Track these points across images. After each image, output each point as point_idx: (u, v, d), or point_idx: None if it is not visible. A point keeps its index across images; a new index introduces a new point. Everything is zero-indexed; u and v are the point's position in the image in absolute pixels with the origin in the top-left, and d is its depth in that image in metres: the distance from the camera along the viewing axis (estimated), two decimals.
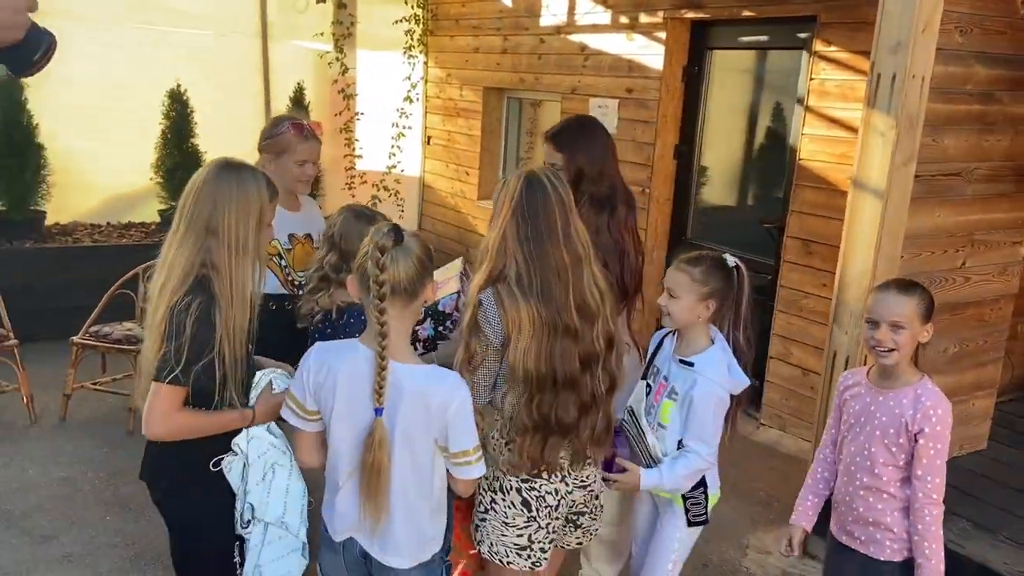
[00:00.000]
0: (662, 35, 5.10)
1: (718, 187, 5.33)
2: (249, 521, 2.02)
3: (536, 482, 2.12)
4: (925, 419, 2.16)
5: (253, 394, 2.05)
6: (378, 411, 1.82)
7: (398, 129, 7.18)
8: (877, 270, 3.14)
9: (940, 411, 2.17)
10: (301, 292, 2.83)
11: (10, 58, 1.15)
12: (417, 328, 2.58)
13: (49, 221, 5.88)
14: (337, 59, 6.85)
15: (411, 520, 1.93)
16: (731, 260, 2.34)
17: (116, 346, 4.30)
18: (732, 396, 2.32)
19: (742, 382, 2.30)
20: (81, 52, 5.98)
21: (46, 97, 5.80)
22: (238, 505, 2.03)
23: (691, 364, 2.27)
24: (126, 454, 3.99)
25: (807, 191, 4.35)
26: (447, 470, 1.94)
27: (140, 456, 2.09)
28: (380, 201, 7.14)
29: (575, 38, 5.76)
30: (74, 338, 4.34)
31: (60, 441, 4.11)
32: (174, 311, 1.87)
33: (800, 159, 4.37)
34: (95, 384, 4.47)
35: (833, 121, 4.21)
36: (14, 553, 3.14)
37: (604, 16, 5.51)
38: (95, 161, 6.18)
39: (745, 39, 4.88)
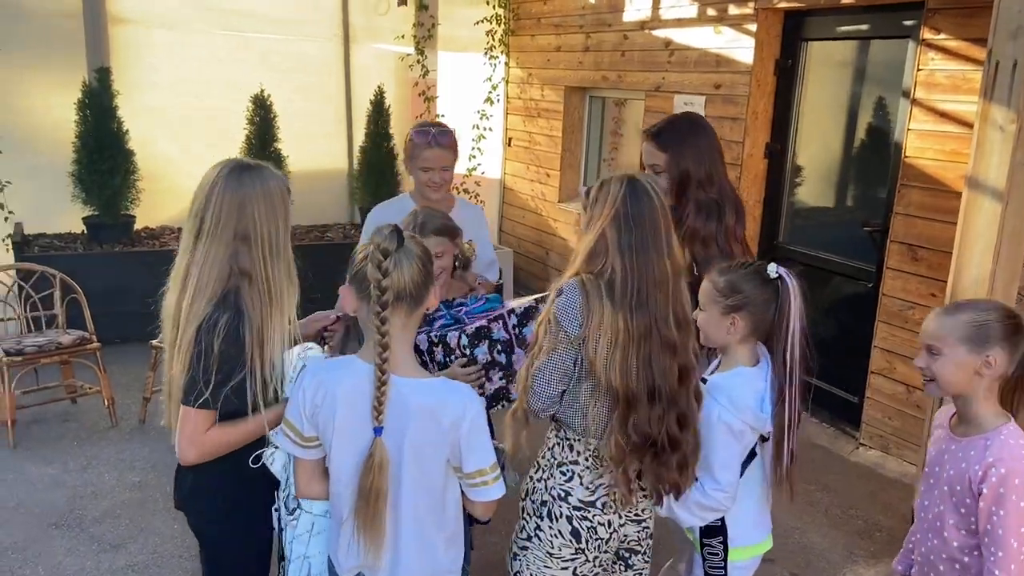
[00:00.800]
0: (752, 27, 4.81)
1: (814, 188, 4.99)
2: (295, 509, 1.90)
3: (590, 511, 1.93)
4: (986, 476, 1.75)
5: (288, 383, 1.89)
6: (377, 431, 1.65)
7: (479, 131, 7.07)
8: (996, 279, 2.81)
9: (1008, 466, 1.73)
10: None
11: None
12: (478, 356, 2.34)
13: (139, 225, 6.02)
14: (418, 61, 6.79)
15: (425, 551, 1.75)
16: (774, 270, 2.01)
17: None
18: (763, 434, 2.03)
19: (764, 420, 1.99)
20: (171, 59, 6.13)
21: (136, 104, 5.95)
22: (281, 493, 1.91)
23: (704, 381, 2.02)
24: None
25: (914, 191, 3.99)
26: (463, 493, 1.76)
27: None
28: None
29: (659, 33, 5.51)
30: (153, 341, 4.38)
31: (137, 445, 4.15)
32: (201, 330, 1.75)
33: (906, 156, 4.01)
34: None
35: (943, 115, 3.84)
36: (81, 560, 3.14)
37: (690, 9, 5.24)
38: (183, 166, 6.29)
39: (844, 29, 4.54)
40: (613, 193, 1.86)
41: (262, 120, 6.16)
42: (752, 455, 2.08)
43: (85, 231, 5.82)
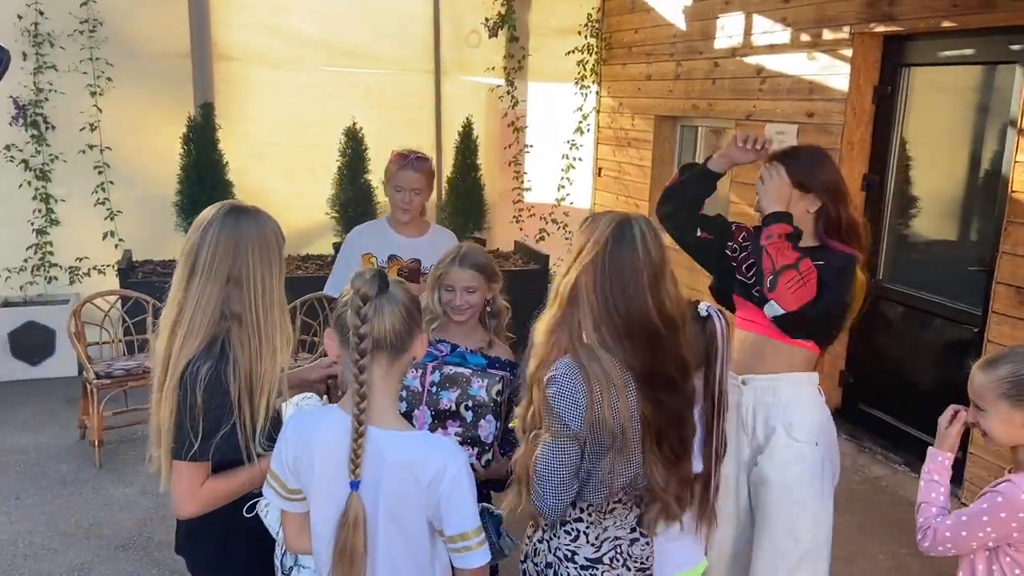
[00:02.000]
0: (848, 52, 4.54)
1: (916, 223, 4.63)
2: (291, 568, 1.86)
3: (598, 568, 1.81)
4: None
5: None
6: (353, 485, 1.57)
7: (568, 161, 7.01)
8: None
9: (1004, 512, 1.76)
10: None
11: None
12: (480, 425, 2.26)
13: None
14: (508, 92, 6.81)
15: None
16: (704, 308, 1.95)
17: None
18: None
19: None
20: (270, 94, 6.39)
21: (237, 136, 6.22)
22: (279, 550, 1.87)
23: None
24: None
25: (1021, 230, 3.63)
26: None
27: None
28: (549, 234, 6.97)
29: (751, 60, 5.30)
30: None
31: None
32: (184, 378, 1.73)
33: (1012, 191, 3.65)
34: None
35: None
36: None
37: (783, 35, 5.02)
38: (279, 197, 6.52)
39: (947, 54, 4.22)
40: (598, 235, 1.76)
41: (353, 152, 6.31)
42: None
43: None
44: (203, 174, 5.90)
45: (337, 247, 6.44)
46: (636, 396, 1.71)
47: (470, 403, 2.26)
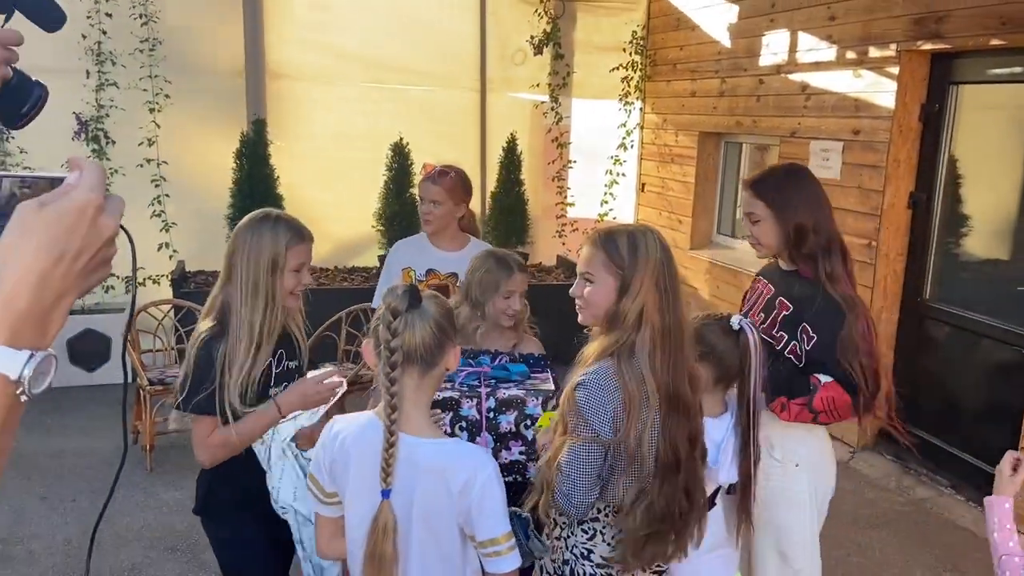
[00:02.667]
0: (895, 70, 4.51)
1: (964, 241, 4.56)
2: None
3: (613, 567, 1.84)
4: None
5: (275, 448, 2.08)
6: (385, 493, 1.62)
7: (611, 176, 7.04)
8: None
9: None
10: None
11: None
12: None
13: None
14: (552, 108, 6.88)
15: None
16: (736, 322, 2.02)
17: None
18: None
19: (712, 472, 1.95)
20: (321, 109, 6.55)
21: (287, 151, 6.39)
22: (272, 489, 2.14)
23: None
24: None
25: None
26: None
27: None
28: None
29: (796, 77, 5.28)
30: None
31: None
32: (190, 339, 2.07)
33: None
34: None
35: None
36: None
37: (828, 52, 4.99)
38: (327, 210, 6.67)
39: (997, 72, 4.16)
40: (653, 254, 1.78)
41: (399, 167, 6.43)
42: (710, 505, 2.05)
43: None
44: (254, 188, 6.07)
45: (382, 260, 6.56)
46: (660, 428, 1.73)
47: (528, 422, 2.30)
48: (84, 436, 4.84)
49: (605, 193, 7.05)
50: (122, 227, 0.87)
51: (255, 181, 6.09)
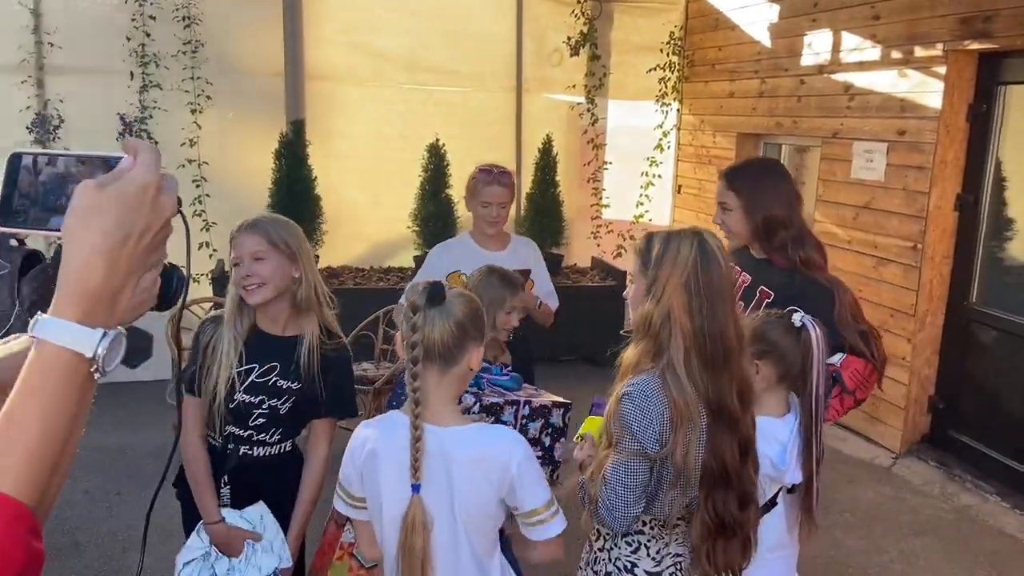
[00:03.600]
0: (941, 70, 4.43)
1: (1012, 244, 4.47)
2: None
3: None
4: None
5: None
6: (415, 488, 1.63)
7: (647, 178, 7.01)
8: None
9: None
10: None
11: None
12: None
13: (321, 265, 6.47)
14: (588, 110, 6.86)
15: None
16: (799, 319, 2.00)
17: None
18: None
19: (780, 472, 1.94)
20: (357, 111, 6.60)
21: (326, 153, 6.44)
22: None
23: None
24: None
25: None
26: (512, 544, 1.72)
27: None
28: (626, 251, 6.97)
29: (839, 77, 5.21)
30: None
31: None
32: None
33: None
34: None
35: None
36: None
37: (873, 52, 4.93)
38: (364, 211, 6.73)
39: None
40: (684, 255, 1.74)
41: (435, 168, 6.45)
42: (771, 505, 2.03)
43: None
44: (293, 188, 6.13)
45: (418, 260, 6.59)
46: (703, 441, 1.71)
47: (549, 430, 2.42)
48: (126, 432, 4.91)
49: (641, 195, 7.02)
50: (179, 208, 0.89)
51: (293, 181, 6.14)
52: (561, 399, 2.52)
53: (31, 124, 5.75)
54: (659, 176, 7.06)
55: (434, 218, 6.42)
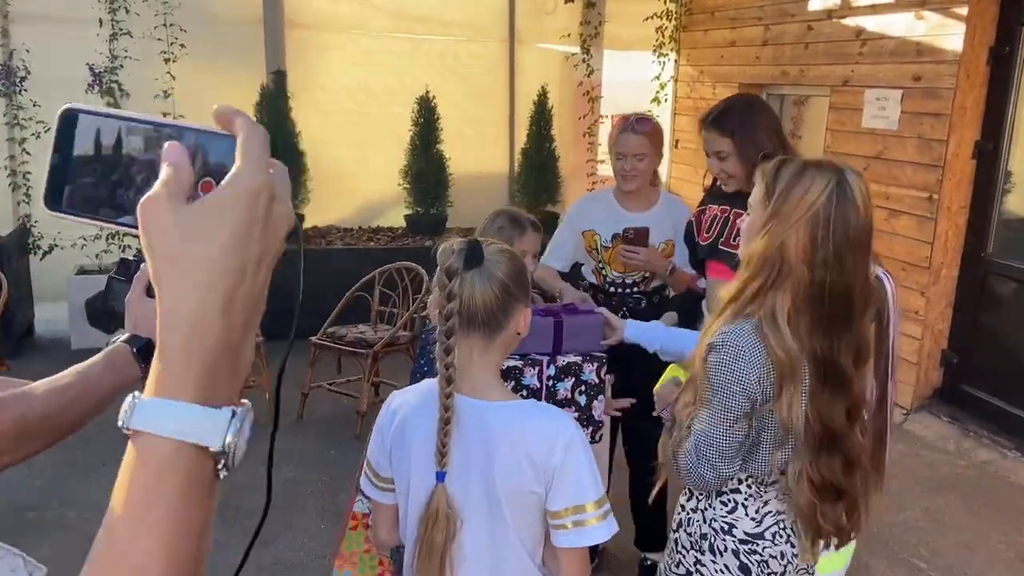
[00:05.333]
0: (963, 10, 4.25)
1: None
2: None
3: (759, 543, 1.64)
4: None
5: None
6: (439, 476, 1.42)
7: None
8: None
9: None
10: (613, 290, 2.94)
11: None
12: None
13: (307, 224, 6.20)
14: (583, 60, 6.60)
15: None
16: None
17: (348, 348, 4.33)
18: None
19: None
20: (341, 61, 6.29)
21: (309, 105, 6.14)
22: None
23: None
24: (351, 458, 3.97)
25: None
26: (550, 539, 1.47)
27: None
28: None
29: (850, 21, 5.01)
30: (312, 338, 4.44)
31: (293, 439, 4.20)
32: None
33: None
34: (330, 384, 4.55)
35: None
36: (231, 555, 3.15)
37: None
38: (352, 167, 6.45)
39: None
40: (815, 191, 1.51)
41: (426, 122, 6.17)
42: None
43: None
44: (275, 143, 5.72)
45: (408, 219, 6.35)
46: (808, 400, 1.53)
47: (583, 388, 2.24)
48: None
49: None
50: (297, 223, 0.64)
51: (275, 137, 5.75)
52: (595, 352, 2.31)
53: None
54: None
55: (425, 175, 6.16)
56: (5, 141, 5.63)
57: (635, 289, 2.97)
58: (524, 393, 2.13)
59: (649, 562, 3.08)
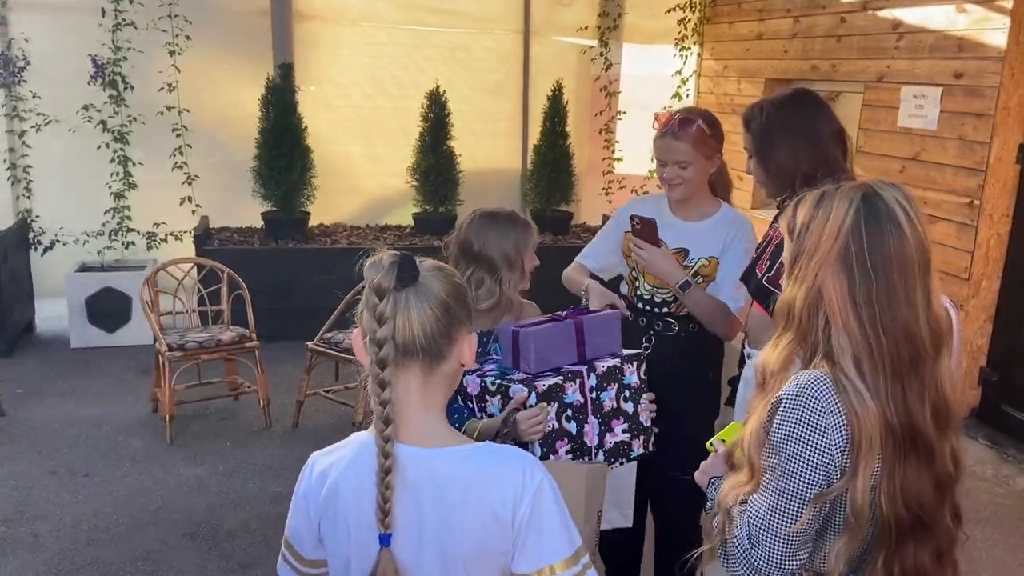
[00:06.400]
0: (1008, 3, 3.94)
1: None
2: None
3: None
4: None
5: None
6: (383, 539, 1.20)
7: None
8: None
9: None
10: (641, 307, 2.50)
11: None
12: (487, 399, 1.89)
13: (313, 222, 6.00)
14: (601, 54, 6.33)
15: None
16: None
17: (345, 355, 4.12)
18: None
19: None
20: (349, 54, 6.08)
21: (316, 99, 5.95)
22: None
23: None
24: None
25: None
26: None
27: None
28: None
29: (886, 14, 4.70)
30: (309, 343, 4.23)
31: (286, 450, 4.00)
32: None
33: None
34: (327, 392, 4.34)
35: None
36: None
37: None
38: (359, 163, 6.25)
39: None
40: (837, 216, 1.25)
41: (436, 117, 5.94)
42: None
43: (263, 226, 5.86)
44: (280, 139, 5.62)
45: (417, 218, 6.13)
46: (885, 474, 1.24)
47: (627, 393, 2.01)
48: (100, 403, 4.49)
49: None
50: None
51: (281, 131, 5.63)
52: (632, 350, 2.08)
53: None
54: None
55: (434, 172, 5.93)
56: (4, 133, 5.48)
57: (665, 309, 2.48)
58: (568, 414, 1.89)
59: None
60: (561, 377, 1.88)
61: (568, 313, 2.03)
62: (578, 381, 1.91)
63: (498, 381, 1.85)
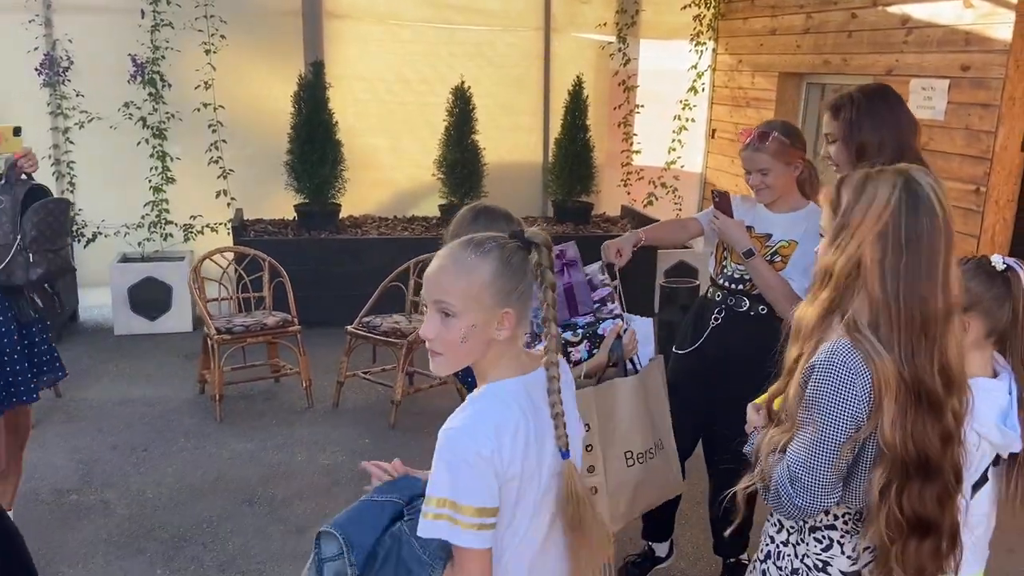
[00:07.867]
0: None
1: None
2: None
3: None
4: None
5: None
6: (564, 454, 1.43)
7: (680, 122, 6.70)
8: None
9: None
10: (733, 286, 2.75)
11: None
12: (571, 350, 2.29)
13: (343, 214, 6.24)
14: (619, 50, 6.54)
15: None
16: (1000, 260, 1.69)
17: (383, 338, 4.35)
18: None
19: (1012, 437, 1.65)
20: (378, 51, 6.30)
21: (346, 95, 6.17)
22: None
23: None
24: (386, 447, 4.02)
25: None
26: None
27: (397, 450, 2.15)
28: (657, 199, 6.72)
29: (895, 9, 4.89)
30: (348, 327, 4.47)
31: (329, 427, 4.24)
32: None
33: None
34: (366, 373, 4.58)
35: None
36: (269, 544, 3.21)
37: None
38: (387, 157, 6.48)
39: None
40: (882, 198, 1.45)
41: (461, 112, 6.16)
42: (983, 481, 1.75)
43: (296, 218, 6.10)
44: (313, 134, 5.86)
45: (443, 208, 6.35)
46: (900, 417, 1.44)
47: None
48: (150, 384, 4.74)
49: (673, 140, 6.73)
50: None
51: (313, 126, 5.87)
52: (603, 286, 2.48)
53: (40, 65, 5.48)
54: (692, 120, 6.75)
55: (460, 165, 6.16)
56: (49, 130, 5.73)
57: (741, 287, 2.74)
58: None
59: (732, 561, 2.99)
60: (592, 316, 2.33)
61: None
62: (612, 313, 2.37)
63: (580, 330, 2.28)
